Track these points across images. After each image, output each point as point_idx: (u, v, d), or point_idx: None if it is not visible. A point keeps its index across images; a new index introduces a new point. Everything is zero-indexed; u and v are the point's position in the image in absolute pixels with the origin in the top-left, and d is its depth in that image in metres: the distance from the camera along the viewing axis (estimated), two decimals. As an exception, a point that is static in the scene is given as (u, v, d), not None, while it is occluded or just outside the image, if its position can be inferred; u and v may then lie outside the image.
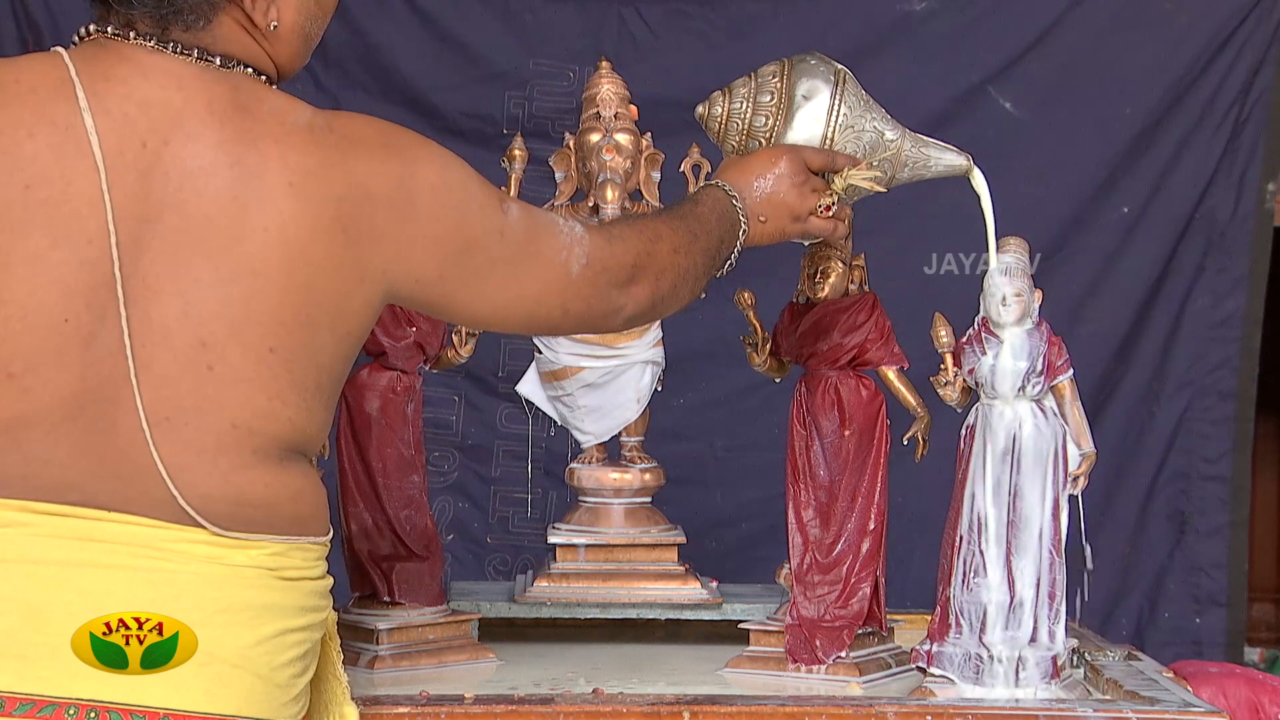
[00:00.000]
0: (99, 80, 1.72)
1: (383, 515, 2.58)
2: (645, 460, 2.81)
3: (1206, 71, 4.45)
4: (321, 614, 1.84)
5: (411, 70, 4.44)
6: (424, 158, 1.81)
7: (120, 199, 1.69)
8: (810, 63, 2.30)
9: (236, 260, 1.70)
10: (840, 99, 2.28)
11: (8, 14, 4.32)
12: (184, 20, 1.75)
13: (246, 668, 1.74)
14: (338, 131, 1.77)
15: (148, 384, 1.70)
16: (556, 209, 2.74)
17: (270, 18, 1.81)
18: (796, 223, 2.23)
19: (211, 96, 1.73)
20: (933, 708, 2.23)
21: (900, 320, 2.52)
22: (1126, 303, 4.50)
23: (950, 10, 4.46)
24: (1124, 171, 4.47)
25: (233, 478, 1.73)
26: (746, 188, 2.19)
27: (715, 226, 2.11)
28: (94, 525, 1.70)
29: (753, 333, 2.58)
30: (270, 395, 1.73)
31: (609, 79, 2.76)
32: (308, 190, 1.72)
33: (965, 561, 2.33)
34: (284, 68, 1.86)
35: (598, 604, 2.72)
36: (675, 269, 2.03)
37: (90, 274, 1.68)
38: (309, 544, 1.81)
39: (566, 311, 1.93)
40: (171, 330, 1.70)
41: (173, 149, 1.71)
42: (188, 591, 1.71)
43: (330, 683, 1.95)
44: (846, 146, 2.28)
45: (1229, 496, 4.55)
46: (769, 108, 2.28)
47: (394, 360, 2.57)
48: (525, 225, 1.88)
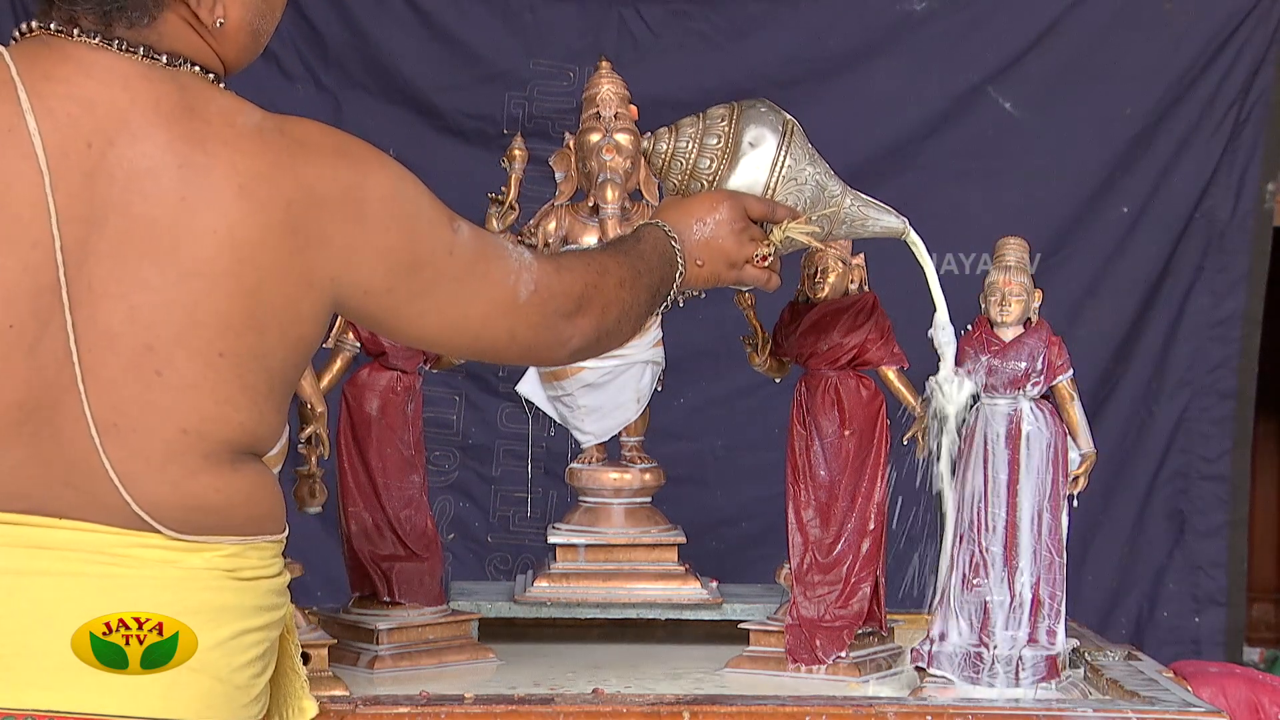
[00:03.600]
0: (40, 80, 1.68)
1: (383, 515, 2.58)
2: (645, 460, 2.81)
3: (1206, 71, 4.45)
4: (279, 612, 1.82)
5: (412, 70, 4.44)
6: (376, 168, 1.79)
7: (64, 201, 1.66)
8: (760, 110, 2.28)
9: (183, 263, 1.67)
10: (786, 150, 2.26)
11: (8, 13, 4.32)
12: (128, 17, 1.71)
13: (205, 671, 1.72)
14: (288, 135, 1.74)
15: (95, 390, 1.67)
16: (556, 209, 2.74)
17: (216, 15, 1.77)
18: (732, 269, 2.20)
19: (158, 96, 1.70)
20: (933, 708, 2.24)
21: (900, 320, 2.53)
22: (1126, 302, 4.51)
23: (950, 10, 4.46)
24: (1124, 171, 4.47)
25: (184, 484, 1.70)
26: (686, 230, 2.16)
27: (657, 265, 2.10)
28: (45, 533, 1.67)
29: (753, 333, 2.59)
30: (220, 400, 1.70)
31: (609, 79, 2.76)
32: (257, 193, 1.69)
33: (965, 561, 2.33)
34: (231, 64, 1.82)
35: (598, 604, 2.72)
36: (620, 303, 2.01)
37: (34, 279, 1.65)
38: (265, 543, 1.78)
39: (514, 337, 1.90)
40: (118, 335, 1.67)
41: (118, 150, 1.68)
42: (144, 597, 1.69)
43: (289, 677, 1.92)
44: (788, 198, 2.25)
45: (1228, 496, 4.55)
46: (714, 150, 2.26)
47: (394, 360, 2.57)
48: (474, 246, 1.86)
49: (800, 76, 4.44)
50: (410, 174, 1.83)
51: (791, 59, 4.44)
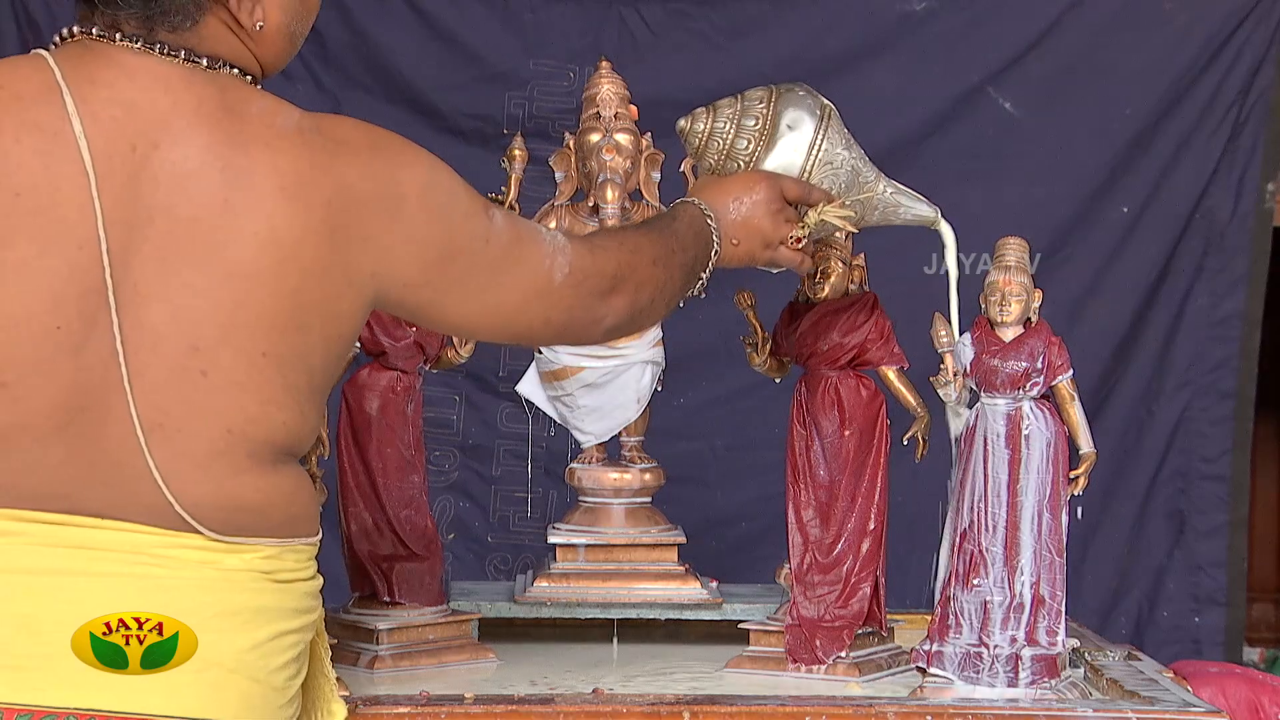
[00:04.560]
0: (85, 84, 1.70)
1: (383, 515, 2.58)
2: (645, 460, 2.81)
3: (1206, 72, 4.45)
4: (313, 615, 1.84)
5: (412, 70, 4.44)
6: (410, 160, 1.81)
7: (109, 204, 1.67)
8: (799, 93, 2.30)
9: (226, 264, 1.69)
10: (824, 134, 2.28)
11: (8, 13, 4.32)
12: (170, 21, 1.73)
13: (243, 672, 1.73)
14: (326, 134, 1.76)
15: (140, 391, 1.68)
16: (556, 209, 2.74)
17: (256, 18, 1.79)
18: (767, 249, 2.23)
19: (200, 99, 1.72)
20: (933, 708, 2.24)
21: (900, 320, 2.53)
22: (1126, 302, 4.51)
23: (950, 10, 4.47)
24: (1124, 171, 4.47)
25: (226, 483, 1.72)
26: (722, 209, 2.19)
27: (691, 243, 2.12)
28: (87, 533, 1.69)
29: (753, 333, 2.59)
30: (263, 400, 1.72)
31: (609, 79, 2.76)
32: (297, 193, 1.72)
33: (965, 561, 2.34)
34: (269, 67, 1.85)
35: (598, 604, 2.72)
36: (654, 281, 2.03)
37: (80, 280, 1.67)
38: (300, 545, 1.79)
39: (548, 320, 1.92)
40: (163, 336, 1.69)
41: (162, 152, 1.70)
42: (182, 597, 1.70)
43: (319, 680, 1.94)
44: (823, 181, 2.28)
45: (1228, 496, 4.55)
46: (752, 132, 2.28)
47: (394, 360, 2.57)
48: (510, 232, 1.88)
49: (800, 76, 4.38)
50: (444, 164, 1.85)
51: (791, 59, 4.43)
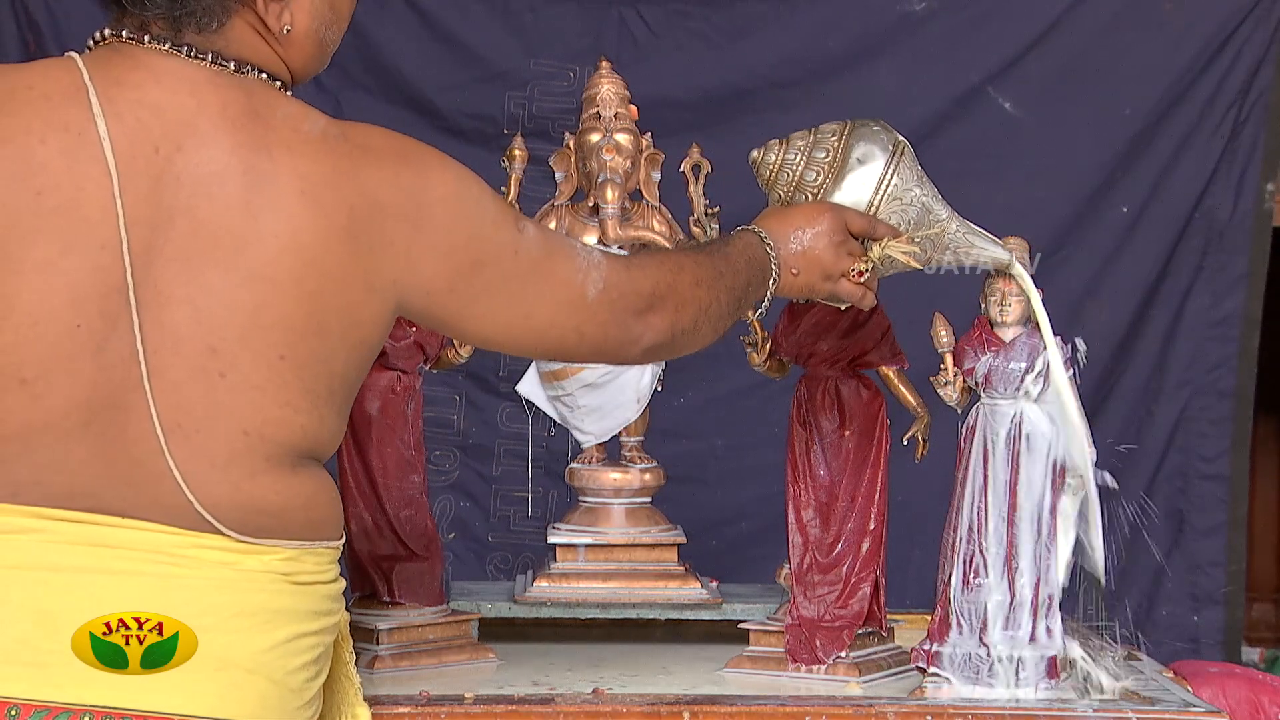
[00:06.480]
0: (112, 85, 1.71)
1: (383, 515, 2.58)
2: (645, 460, 2.81)
3: (1206, 72, 4.45)
4: (334, 617, 1.84)
5: (412, 70, 4.44)
6: (438, 170, 1.81)
7: (132, 205, 1.69)
8: (873, 128, 2.29)
9: (247, 267, 1.70)
10: (894, 169, 2.27)
11: (8, 14, 4.32)
12: (197, 23, 1.74)
13: (261, 673, 1.74)
14: (351, 140, 1.77)
15: (160, 391, 1.69)
16: (556, 209, 2.74)
17: (284, 22, 1.80)
18: (828, 281, 2.21)
19: (225, 102, 1.73)
20: (933, 708, 2.24)
21: (900, 320, 2.53)
22: (1126, 302, 4.50)
23: (950, 10, 4.46)
24: (1124, 171, 4.47)
25: (244, 485, 1.72)
26: (784, 238, 2.17)
27: (744, 269, 2.10)
28: (107, 531, 1.70)
29: (753, 333, 2.59)
30: (282, 403, 1.73)
31: (609, 79, 2.76)
32: (319, 198, 1.72)
33: (965, 561, 2.34)
34: (298, 73, 1.85)
35: (598, 604, 2.72)
36: (696, 302, 2.01)
37: (102, 280, 1.68)
38: (322, 548, 1.80)
39: (582, 336, 1.91)
40: (183, 337, 1.70)
41: (185, 154, 1.71)
42: (201, 597, 1.71)
43: (342, 684, 1.95)
44: (891, 217, 2.26)
45: (1227, 495, 4.55)
46: (821, 164, 2.27)
47: (394, 360, 2.57)
48: (541, 245, 1.88)
49: (800, 76, 4.44)
50: (474, 175, 1.85)
51: (791, 59, 4.43)
